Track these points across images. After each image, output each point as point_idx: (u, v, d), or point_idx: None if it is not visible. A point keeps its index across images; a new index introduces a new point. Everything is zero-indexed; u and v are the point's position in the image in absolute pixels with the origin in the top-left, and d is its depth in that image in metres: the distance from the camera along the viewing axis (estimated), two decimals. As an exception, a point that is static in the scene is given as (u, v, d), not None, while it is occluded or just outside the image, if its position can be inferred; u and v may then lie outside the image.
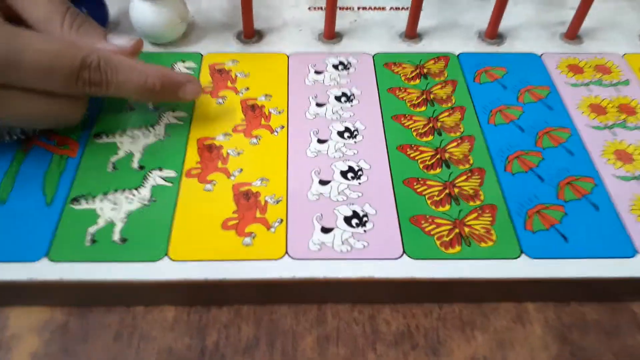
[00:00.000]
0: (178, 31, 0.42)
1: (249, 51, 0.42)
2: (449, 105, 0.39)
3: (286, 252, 0.31)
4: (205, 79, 0.40)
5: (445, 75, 0.41)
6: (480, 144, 0.37)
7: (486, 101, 0.39)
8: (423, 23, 0.44)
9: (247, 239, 0.31)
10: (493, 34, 0.44)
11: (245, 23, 0.42)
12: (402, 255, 0.31)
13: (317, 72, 0.41)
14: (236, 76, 0.40)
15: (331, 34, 0.43)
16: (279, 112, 0.38)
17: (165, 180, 0.34)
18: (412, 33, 0.44)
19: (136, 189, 0.34)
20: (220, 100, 0.39)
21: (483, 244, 0.31)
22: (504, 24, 0.44)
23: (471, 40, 0.44)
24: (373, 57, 0.42)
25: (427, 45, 0.44)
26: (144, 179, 0.34)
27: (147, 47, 0.43)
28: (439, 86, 0.40)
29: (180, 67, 0.41)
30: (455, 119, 0.38)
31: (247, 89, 0.39)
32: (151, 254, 0.30)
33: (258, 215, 0.32)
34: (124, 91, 0.34)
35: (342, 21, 0.44)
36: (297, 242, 0.31)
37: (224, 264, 0.30)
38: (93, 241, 0.31)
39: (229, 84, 0.40)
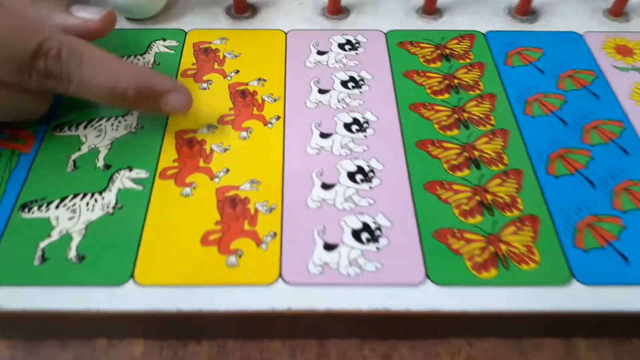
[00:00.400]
0: (158, 4, 0.36)
1: (240, 28, 0.36)
2: (477, 92, 0.33)
3: (280, 276, 0.25)
4: (188, 60, 0.34)
5: (471, 57, 0.35)
6: (515, 139, 0.30)
7: (520, 88, 0.33)
8: (444, -4, 0.38)
9: (232, 258, 0.25)
10: (525, 9, 0.37)
11: (236, -5, 0.36)
12: (424, 280, 0.25)
13: (320, 53, 0.35)
14: (224, 57, 0.34)
15: (336, 8, 0.37)
16: (274, 100, 0.32)
17: (135, 183, 0.28)
18: (430, 8, 0.37)
19: (100, 193, 0.28)
20: (205, 86, 0.33)
21: (524, 266, 0.25)
22: (538, -2, 0.37)
23: (499, 17, 0.38)
24: (386, 35, 0.36)
25: (448, 22, 0.37)
26: (109, 181, 0.28)
27: (122, 23, 0.36)
28: (464, 70, 0.34)
29: (160, 46, 0.35)
30: (485, 109, 0.32)
31: (237, 72, 0.33)
32: (114, 276, 0.25)
33: (246, 227, 0.26)
34: (88, 92, 0.27)
35: (350, -7, 0.38)
36: (293, 262, 0.25)
37: (202, 290, 0.24)
38: (44, 259, 0.25)
39: (215, 65, 0.34)
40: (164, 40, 0.36)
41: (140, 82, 0.27)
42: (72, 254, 0.25)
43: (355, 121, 0.31)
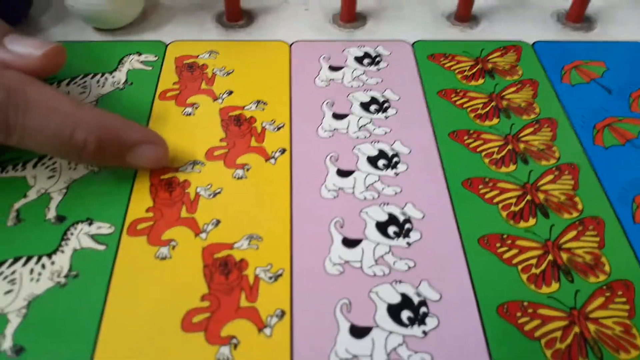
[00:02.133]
0: (132, 10, 0.30)
1: (233, 39, 0.30)
2: (532, 116, 0.26)
3: (292, 377, 0.18)
4: (168, 78, 0.28)
5: (520, 72, 0.28)
6: (587, 177, 0.24)
7: (584, 111, 0.27)
8: (480, 1, 0.31)
9: (224, 350, 0.18)
10: (579, 15, 0.31)
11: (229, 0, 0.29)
12: (491, 379, 0.18)
13: (332, 69, 0.28)
14: (214, 74, 0.28)
15: (351, 15, 0.31)
16: (278, 128, 0.25)
17: (96, 241, 0.21)
18: (464, 13, 0.31)
19: (49, 256, 0.21)
20: (190, 110, 0.26)
21: (623, 355, 0.18)
22: (593, 4, 0.31)
23: (548, 25, 0.32)
24: (412, 46, 0.30)
25: (487, 31, 0.31)
26: (62, 239, 0.21)
27: (88, 34, 0.30)
28: (513, 88, 0.27)
29: (134, 61, 0.28)
30: (545, 138, 0.25)
31: (230, 93, 0.27)
32: (61, 378, 0.18)
33: (243, 303, 0.19)
34: (34, 143, 0.21)
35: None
36: (310, 355, 0.18)
37: (182, 401, 0.17)
38: (-36, 353, 0.18)
39: (203, 85, 0.27)
40: (139, 54, 0.29)
41: (103, 132, 0.21)
42: (7, 344, 0.19)
43: (382, 154, 0.24)
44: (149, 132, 0.23)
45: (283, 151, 0.24)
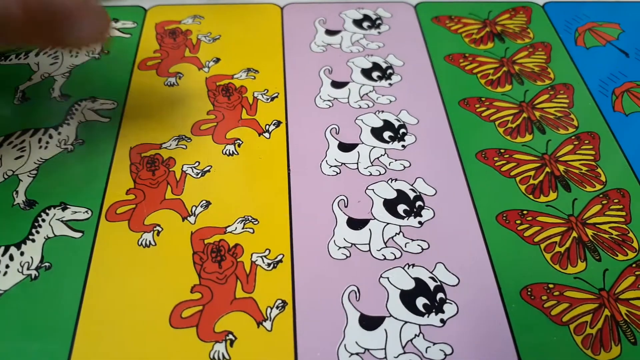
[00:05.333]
0: (106, -28, 0.27)
1: (219, 2, 0.27)
2: (547, 82, 0.24)
3: (297, 376, 0.16)
4: (149, 46, 0.25)
5: (531, 35, 0.26)
6: (609, 146, 0.22)
7: (602, 75, 0.25)
8: (483, -42, 0.29)
9: (219, 347, 0.16)
10: (589, -27, 0.29)
11: (213, -42, 0.27)
12: (519, 371, 0.16)
13: (329, 32, 0.26)
14: (199, 41, 0.25)
15: (346, -25, 0.28)
16: (271, 98, 0.23)
17: (71, 228, 0.19)
18: (468, -27, 0.28)
19: (17, 246, 0.19)
20: (173, 80, 0.24)
21: (661, 340, 0.17)
22: (603, -41, 0.29)
23: (556, -16, 0.29)
24: (415, 8, 0.27)
25: (492, -9, 0.29)
26: (33, 227, 0.19)
27: None
28: (525, 52, 0.25)
29: (111, 29, 0.26)
30: (561, 105, 0.23)
31: (217, 60, 0.24)
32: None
33: (239, 294, 0.17)
34: None
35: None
36: (316, 350, 0.16)
37: (174, 408, 0.15)
38: None
39: (187, 53, 0.25)
40: (116, 21, 0.26)
41: None
42: (-30, 347, 0.16)
43: (388, 125, 0.22)
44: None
45: (278, 124, 0.22)
